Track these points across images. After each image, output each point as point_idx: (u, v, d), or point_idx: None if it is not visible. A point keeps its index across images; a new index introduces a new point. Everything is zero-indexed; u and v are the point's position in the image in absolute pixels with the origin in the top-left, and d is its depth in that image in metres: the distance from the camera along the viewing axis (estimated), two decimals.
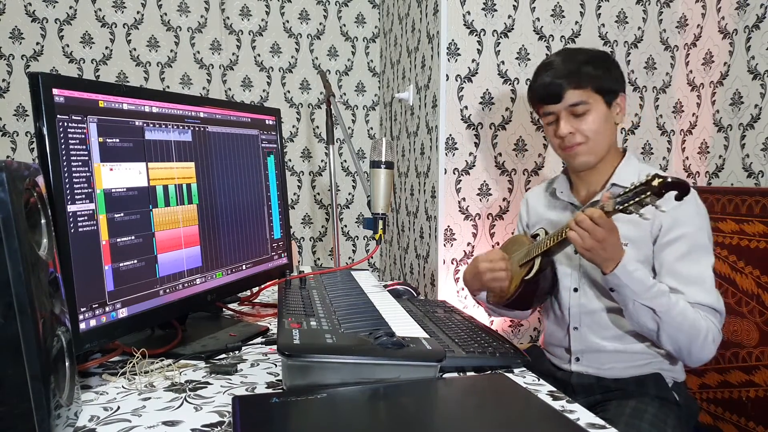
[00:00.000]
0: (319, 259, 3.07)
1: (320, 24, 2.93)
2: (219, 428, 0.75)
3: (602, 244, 1.13)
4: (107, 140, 0.89)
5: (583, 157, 1.31)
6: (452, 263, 2.03)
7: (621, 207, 1.08)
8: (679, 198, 1.04)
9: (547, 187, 1.50)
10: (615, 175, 1.32)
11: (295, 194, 2.98)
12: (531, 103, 1.41)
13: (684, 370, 1.34)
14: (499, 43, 1.98)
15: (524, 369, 0.99)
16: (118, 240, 0.90)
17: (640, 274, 1.16)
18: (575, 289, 1.34)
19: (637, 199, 1.06)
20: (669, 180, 1.03)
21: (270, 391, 0.88)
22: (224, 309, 1.33)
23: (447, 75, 1.96)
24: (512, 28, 1.99)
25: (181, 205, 1.05)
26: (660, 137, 2.15)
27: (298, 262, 2.82)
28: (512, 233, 1.71)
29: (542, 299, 1.39)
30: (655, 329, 1.18)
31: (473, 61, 1.97)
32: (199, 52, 2.80)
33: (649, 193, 1.04)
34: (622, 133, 2.13)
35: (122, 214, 0.92)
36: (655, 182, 1.04)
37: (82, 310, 0.83)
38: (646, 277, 1.17)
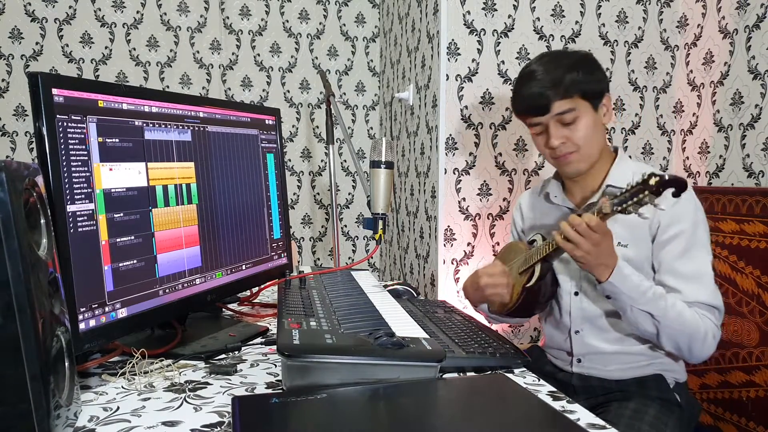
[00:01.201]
0: (318, 259, 3.06)
1: (320, 24, 2.93)
2: (219, 428, 0.75)
3: (597, 248, 1.12)
4: (107, 140, 0.89)
5: (576, 165, 1.28)
6: (452, 263, 2.03)
7: (619, 208, 1.07)
8: (676, 195, 1.04)
9: (539, 192, 1.46)
10: (610, 176, 1.30)
11: (295, 194, 2.98)
12: (516, 113, 1.35)
13: (686, 371, 1.33)
14: (499, 42, 1.98)
15: (524, 369, 0.98)
16: (118, 240, 0.90)
17: (635, 279, 1.16)
18: (576, 293, 1.32)
19: (635, 199, 1.05)
20: (666, 178, 1.03)
21: (270, 391, 0.88)
22: (224, 309, 1.33)
23: (447, 75, 1.96)
24: (512, 28, 1.99)
25: (181, 205, 1.05)
26: (660, 137, 2.15)
27: (298, 262, 2.82)
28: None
29: (544, 305, 1.37)
30: (654, 332, 1.18)
31: (473, 60, 1.97)
32: (198, 52, 2.80)
33: (647, 193, 1.04)
34: (622, 132, 2.13)
35: (122, 214, 0.91)
36: (652, 181, 1.03)
37: (82, 310, 0.83)
38: (641, 282, 1.16)
